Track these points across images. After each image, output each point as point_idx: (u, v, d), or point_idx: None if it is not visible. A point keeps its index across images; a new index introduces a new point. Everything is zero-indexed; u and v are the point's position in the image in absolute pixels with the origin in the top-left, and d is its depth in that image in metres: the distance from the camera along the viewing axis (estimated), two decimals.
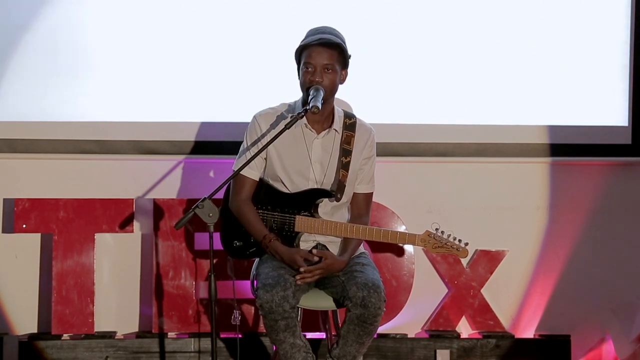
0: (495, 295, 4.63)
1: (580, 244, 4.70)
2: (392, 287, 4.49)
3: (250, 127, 3.76)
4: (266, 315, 3.50)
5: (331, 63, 3.62)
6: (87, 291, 4.44)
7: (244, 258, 3.93)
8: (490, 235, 4.63)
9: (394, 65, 4.56)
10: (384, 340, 4.50)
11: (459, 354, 4.49)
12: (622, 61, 4.62)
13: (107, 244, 4.56)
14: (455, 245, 3.68)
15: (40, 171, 4.57)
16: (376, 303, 3.50)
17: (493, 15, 4.58)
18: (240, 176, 3.71)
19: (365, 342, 3.58)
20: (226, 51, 4.51)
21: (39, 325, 4.57)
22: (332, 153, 3.73)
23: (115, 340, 4.45)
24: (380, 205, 4.47)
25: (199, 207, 3.41)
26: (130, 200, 4.49)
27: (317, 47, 3.61)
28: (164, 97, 4.52)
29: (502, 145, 4.61)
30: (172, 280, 4.47)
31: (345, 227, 3.68)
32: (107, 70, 4.51)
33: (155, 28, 4.50)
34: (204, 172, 4.58)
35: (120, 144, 4.52)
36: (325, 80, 3.61)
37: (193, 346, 4.43)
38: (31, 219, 4.44)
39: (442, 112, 4.59)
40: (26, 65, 4.49)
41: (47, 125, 4.49)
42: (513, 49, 4.60)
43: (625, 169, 4.70)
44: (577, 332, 4.60)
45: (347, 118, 3.77)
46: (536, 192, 4.71)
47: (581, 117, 4.64)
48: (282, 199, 3.72)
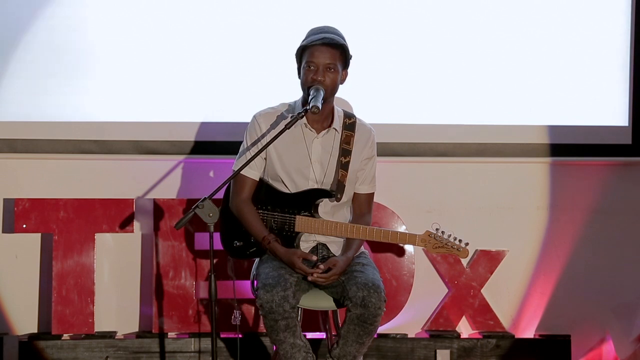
0: (495, 295, 4.63)
1: (580, 244, 4.70)
2: (392, 287, 4.49)
3: (250, 127, 3.76)
4: (266, 315, 3.50)
5: (333, 63, 3.62)
6: (87, 291, 4.44)
7: (244, 258, 3.93)
8: (490, 235, 4.63)
9: (394, 65, 4.56)
10: (384, 340, 4.50)
11: (459, 354, 4.49)
12: (622, 61, 4.62)
13: (107, 244, 4.56)
14: (456, 246, 3.68)
15: (40, 171, 4.57)
16: (376, 303, 3.49)
17: (493, 16, 4.58)
18: (240, 176, 3.71)
19: (365, 342, 3.57)
20: (226, 51, 4.51)
21: (39, 325, 4.57)
22: (332, 153, 3.73)
23: (115, 340, 4.45)
24: (380, 205, 4.47)
25: (199, 207, 3.41)
26: (130, 200, 4.49)
27: (320, 47, 3.61)
28: (164, 97, 4.52)
29: (502, 145, 4.61)
30: (172, 280, 4.47)
31: (345, 227, 3.68)
32: (107, 70, 4.51)
33: (155, 28, 4.50)
34: (203, 172, 4.58)
35: (120, 144, 4.52)
36: (327, 79, 3.61)
37: (193, 346, 4.43)
38: (31, 219, 4.44)
39: (442, 112, 4.59)
40: (26, 65, 4.49)
41: (47, 125, 4.49)
42: (513, 49, 4.59)
43: (625, 169, 4.70)
44: (577, 332, 4.60)
45: (346, 118, 3.77)
46: (536, 192, 4.71)
47: (581, 117, 4.64)
48: (282, 199, 3.72)
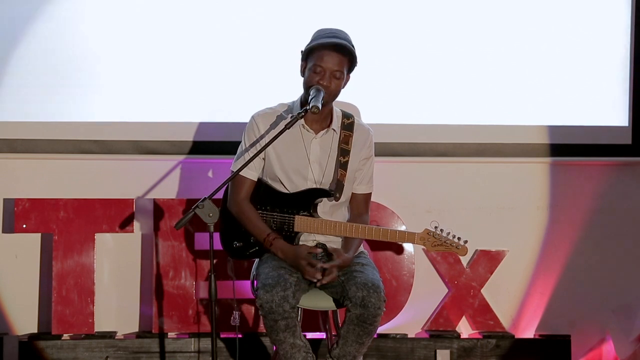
0: (495, 295, 4.63)
1: (580, 244, 4.69)
2: (392, 287, 4.49)
3: (248, 127, 3.76)
4: (266, 315, 3.50)
5: (340, 70, 3.60)
6: (87, 291, 4.44)
7: (244, 259, 3.93)
8: (490, 235, 4.63)
9: (394, 65, 4.55)
10: (384, 340, 4.49)
11: (459, 354, 4.49)
12: (622, 61, 4.62)
13: (107, 244, 4.56)
14: (455, 243, 3.67)
15: (40, 171, 4.57)
16: (376, 303, 3.49)
17: (493, 16, 4.58)
18: (239, 177, 3.71)
19: (365, 342, 3.57)
20: (225, 51, 4.51)
21: (39, 325, 4.57)
22: (330, 153, 3.73)
23: (115, 340, 4.45)
24: (380, 205, 4.47)
25: (199, 207, 3.41)
26: (130, 200, 4.49)
27: (331, 52, 3.58)
28: (163, 97, 4.52)
29: (502, 145, 4.61)
30: (172, 280, 4.47)
31: (344, 226, 3.68)
32: (107, 70, 4.51)
33: (155, 28, 4.50)
34: (203, 172, 4.57)
35: (120, 144, 4.52)
36: (332, 85, 3.61)
37: (193, 346, 4.43)
38: (31, 219, 4.44)
39: (442, 112, 4.59)
40: (26, 65, 4.48)
41: (47, 125, 4.49)
42: (513, 50, 4.59)
43: (625, 169, 4.70)
44: (577, 332, 4.60)
45: (345, 118, 3.77)
46: (536, 192, 4.70)
47: (581, 117, 4.64)
48: (281, 199, 3.72)
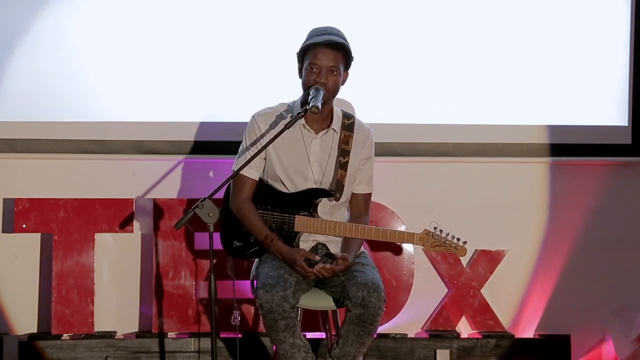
0: (495, 295, 4.63)
1: (580, 244, 4.69)
2: (392, 287, 4.49)
3: (249, 127, 3.76)
4: (266, 315, 3.50)
5: (336, 65, 3.61)
6: (87, 291, 4.44)
7: (244, 258, 3.93)
8: (490, 235, 4.63)
9: (394, 65, 4.55)
10: (384, 340, 4.49)
11: (459, 354, 4.49)
12: (622, 61, 4.62)
13: (107, 244, 4.56)
14: (454, 244, 3.67)
15: (40, 171, 4.57)
16: (376, 303, 3.49)
17: (493, 16, 4.58)
18: (240, 176, 3.71)
19: (365, 342, 3.57)
20: (226, 51, 4.51)
21: (39, 325, 4.57)
22: (331, 153, 3.73)
23: (115, 340, 4.45)
24: (380, 205, 4.47)
25: (199, 207, 3.41)
26: (130, 200, 4.49)
27: (324, 49, 3.60)
28: (163, 97, 4.52)
29: (502, 145, 4.61)
30: (172, 280, 4.47)
31: (344, 226, 3.68)
32: (107, 70, 4.51)
33: (155, 28, 4.50)
34: (203, 172, 4.58)
35: (120, 144, 4.52)
36: (329, 82, 3.61)
37: (193, 346, 4.43)
38: (31, 219, 4.44)
39: (442, 112, 4.59)
40: (26, 65, 4.48)
41: (47, 125, 4.49)
42: (513, 49, 4.59)
43: (625, 169, 4.70)
44: (577, 332, 4.60)
45: (345, 118, 3.77)
46: (536, 192, 4.71)
47: (581, 117, 4.64)
48: (282, 199, 3.72)
